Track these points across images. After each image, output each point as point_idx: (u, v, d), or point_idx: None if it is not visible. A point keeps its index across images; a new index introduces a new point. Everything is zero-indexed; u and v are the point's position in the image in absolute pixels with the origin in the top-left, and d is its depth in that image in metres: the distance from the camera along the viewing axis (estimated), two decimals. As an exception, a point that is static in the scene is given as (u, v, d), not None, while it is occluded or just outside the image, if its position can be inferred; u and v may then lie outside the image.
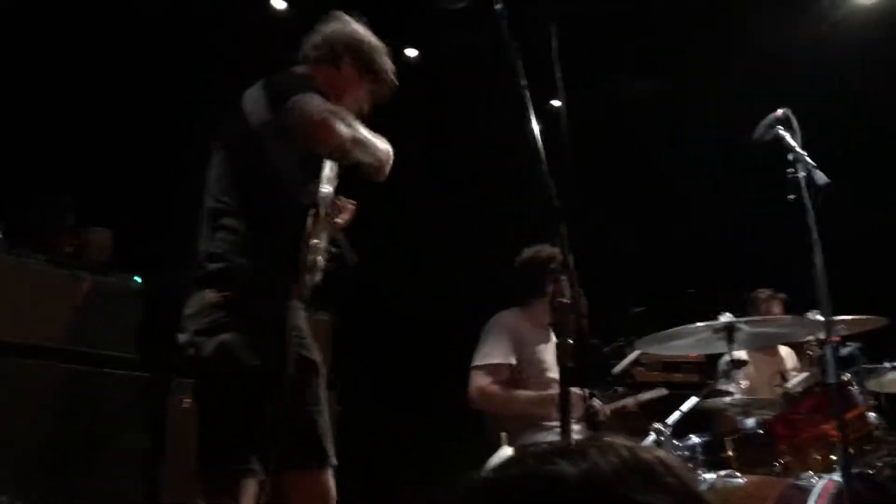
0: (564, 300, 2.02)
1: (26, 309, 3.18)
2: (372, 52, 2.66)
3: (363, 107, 2.68)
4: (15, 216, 3.49)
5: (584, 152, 5.98)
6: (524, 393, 3.43)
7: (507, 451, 3.47)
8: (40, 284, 3.24)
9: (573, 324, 2.10)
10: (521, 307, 3.61)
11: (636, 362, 3.81)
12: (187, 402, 3.55)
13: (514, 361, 3.47)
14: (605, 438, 0.90)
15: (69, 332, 3.23)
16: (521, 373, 3.48)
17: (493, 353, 3.49)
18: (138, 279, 3.60)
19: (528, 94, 2.10)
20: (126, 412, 3.40)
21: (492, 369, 3.48)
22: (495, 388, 3.45)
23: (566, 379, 2.02)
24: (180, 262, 3.81)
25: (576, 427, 2.48)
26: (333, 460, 2.40)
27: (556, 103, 6.40)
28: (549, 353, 3.43)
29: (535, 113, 2.18)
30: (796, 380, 3.59)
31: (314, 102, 2.33)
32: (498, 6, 2.20)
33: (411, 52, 5.75)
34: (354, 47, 2.64)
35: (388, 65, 2.68)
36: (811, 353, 3.37)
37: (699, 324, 3.04)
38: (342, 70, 2.63)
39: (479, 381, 3.47)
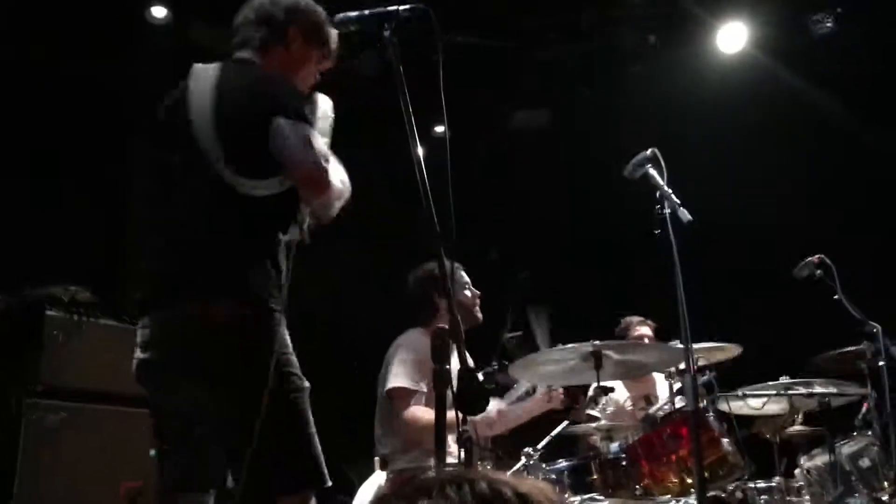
0: (441, 326, 2.05)
1: None
2: (317, 20, 2.44)
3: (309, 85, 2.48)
4: None
5: (470, 178, 6.14)
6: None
7: (379, 478, 3.48)
8: None
9: (451, 349, 2.14)
10: (422, 326, 3.60)
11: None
12: (41, 423, 3.36)
13: (424, 388, 3.46)
14: (470, 470, 0.92)
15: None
16: (429, 394, 3.47)
17: (407, 376, 3.47)
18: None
19: (411, 119, 2.12)
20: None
21: (407, 393, 3.46)
22: (416, 413, 3.42)
23: (441, 405, 2.05)
24: (33, 279, 3.67)
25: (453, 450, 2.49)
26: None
27: (440, 129, 6.54)
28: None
29: (420, 138, 2.21)
30: (657, 406, 3.75)
31: (316, 143, 2.18)
32: (386, 32, 2.23)
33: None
34: (299, 19, 2.41)
35: (332, 31, 2.46)
36: (671, 380, 3.53)
37: (569, 345, 3.12)
38: (291, 48, 2.41)
39: (403, 406, 3.44)
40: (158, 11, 5.19)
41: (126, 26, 5.09)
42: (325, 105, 2.41)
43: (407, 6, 2.23)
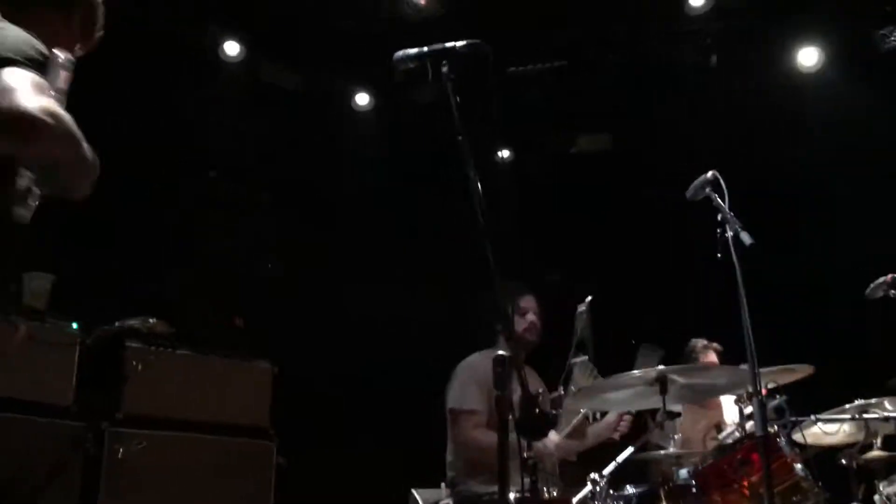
0: (502, 353, 2.08)
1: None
2: (99, 12, 2.24)
3: None
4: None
5: (532, 204, 6.14)
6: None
7: (443, 501, 3.55)
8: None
9: (513, 377, 2.16)
10: (484, 351, 3.69)
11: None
12: (121, 451, 3.50)
13: (483, 410, 3.52)
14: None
15: (2, 380, 3.17)
16: (489, 417, 3.53)
17: (468, 398, 3.57)
18: (75, 325, 3.56)
19: (468, 148, 2.18)
20: (58, 461, 3.33)
21: (470, 415, 3.54)
22: (476, 435, 3.50)
23: (503, 431, 2.08)
24: (118, 310, 3.84)
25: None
26: None
27: (503, 154, 6.55)
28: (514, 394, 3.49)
29: (480, 165, 2.26)
30: (727, 431, 3.69)
31: (36, 82, 1.74)
32: (444, 69, 2.30)
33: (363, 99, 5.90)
34: (90, 3, 2.20)
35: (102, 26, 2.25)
36: (741, 405, 3.47)
37: (634, 372, 3.12)
38: (70, 24, 2.15)
39: (465, 427, 3.54)
40: (231, 48, 5.39)
41: (199, 63, 5.30)
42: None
43: (463, 43, 2.30)
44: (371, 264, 5.67)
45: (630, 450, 3.24)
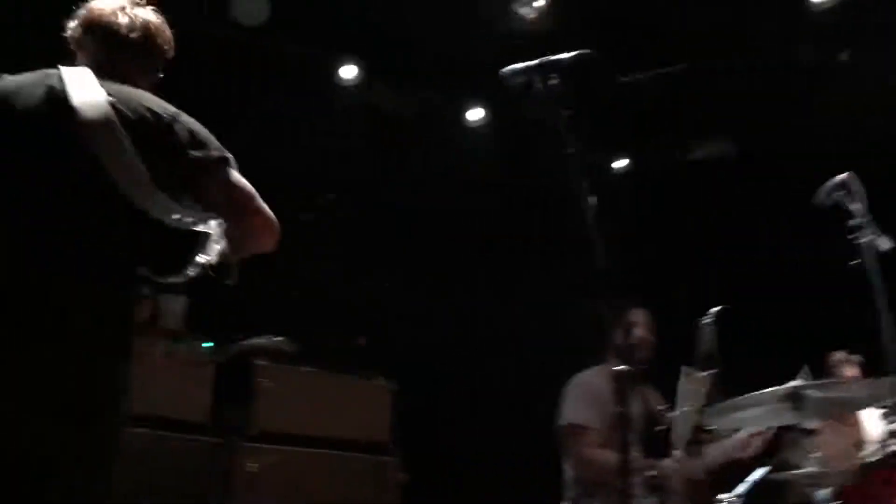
0: (621, 367, 2.03)
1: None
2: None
3: None
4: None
5: (652, 214, 6.00)
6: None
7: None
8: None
9: (633, 392, 2.12)
10: (597, 366, 3.64)
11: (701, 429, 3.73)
12: (252, 466, 3.63)
13: (596, 426, 3.48)
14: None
15: (142, 398, 3.35)
16: (605, 435, 3.48)
17: (583, 415, 3.53)
18: (209, 345, 3.72)
19: (578, 160, 2.15)
20: (196, 476, 3.49)
21: (586, 432, 3.50)
22: (592, 453, 3.45)
23: (625, 447, 2.03)
24: (248, 330, 4.00)
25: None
26: None
27: (618, 165, 6.47)
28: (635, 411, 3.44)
29: (594, 177, 2.23)
30: (871, 448, 3.46)
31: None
32: (553, 81, 2.28)
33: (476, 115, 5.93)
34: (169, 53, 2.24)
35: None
36: (888, 420, 3.25)
37: (765, 391, 2.98)
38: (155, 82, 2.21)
39: (581, 445, 3.50)
40: (348, 72, 5.54)
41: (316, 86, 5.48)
42: None
43: (572, 54, 2.27)
44: (486, 280, 5.68)
45: (763, 469, 3.08)
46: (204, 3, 4.91)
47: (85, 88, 1.92)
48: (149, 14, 2.17)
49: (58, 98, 1.90)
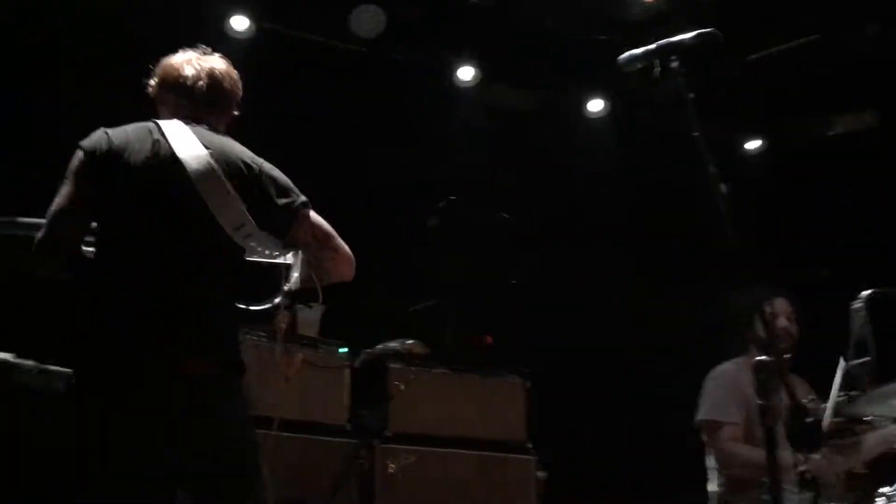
0: (762, 358, 1.94)
1: (252, 381, 3.48)
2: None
3: None
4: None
5: (790, 194, 5.70)
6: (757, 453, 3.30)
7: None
8: (261, 359, 3.53)
9: (776, 384, 2.02)
10: (736, 358, 3.51)
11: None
12: (392, 467, 3.71)
13: (736, 421, 3.36)
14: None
15: (285, 402, 3.48)
16: (747, 429, 3.35)
17: (724, 409, 3.43)
18: (344, 350, 3.84)
19: (705, 143, 2.06)
20: (338, 477, 3.59)
21: (727, 427, 3.40)
22: (736, 448, 3.36)
23: (772, 442, 1.94)
24: (382, 333, 4.10)
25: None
26: None
27: (752, 146, 6.20)
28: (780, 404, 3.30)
29: (726, 159, 2.15)
30: None
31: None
32: (674, 64, 2.20)
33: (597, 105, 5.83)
34: (238, 93, 2.44)
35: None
36: None
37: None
38: None
39: (722, 440, 3.42)
40: (465, 73, 5.57)
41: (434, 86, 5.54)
42: None
43: (693, 34, 2.19)
44: (617, 272, 5.57)
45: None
46: (325, 19, 5.08)
47: (185, 142, 2.15)
48: (215, 61, 2.36)
49: (166, 152, 2.13)
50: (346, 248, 2.30)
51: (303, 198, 2.26)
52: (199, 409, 2.05)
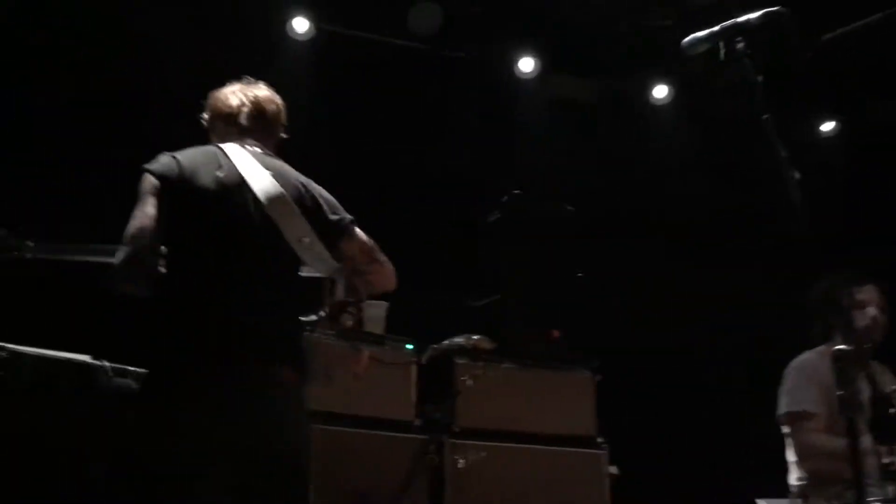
0: (841, 348, 1.87)
1: (320, 379, 3.51)
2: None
3: None
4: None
5: (871, 176, 5.50)
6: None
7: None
8: (329, 357, 3.57)
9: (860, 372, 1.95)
10: (818, 348, 3.40)
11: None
12: (462, 461, 3.70)
13: (818, 412, 3.28)
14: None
15: (354, 399, 3.51)
16: (830, 421, 3.25)
17: (805, 400, 3.33)
18: (411, 346, 3.85)
19: (774, 127, 2.00)
20: (408, 472, 3.60)
21: (809, 419, 3.31)
22: (818, 440, 3.27)
23: (854, 432, 1.87)
24: (447, 328, 4.09)
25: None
26: None
27: (826, 128, 5.99)
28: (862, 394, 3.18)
29: (798, 142, 2.08)
30: None
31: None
32: (739, 45, 2.14)
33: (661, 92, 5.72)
34: (283, 117, 2.63)
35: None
36: None
37: None
38: None
39: (804, 432, 3.33)
40: (526, 65, 5.52)
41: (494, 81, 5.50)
42: None
43: (759, 13, 2.12)
44: (689, 261, 5.44)
45: None
46: (383, 18, 5.11)
47: (248, 164, 2.33)
48: (258, 90, 2.55)
49: (233, 174, 2.30)
50: (387, 261, 2.49)
51: (349, 216, 2.45)
52: (262, 410, 2.15)
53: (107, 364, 2.74)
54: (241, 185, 2.28)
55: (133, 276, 2.19)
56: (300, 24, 5.08)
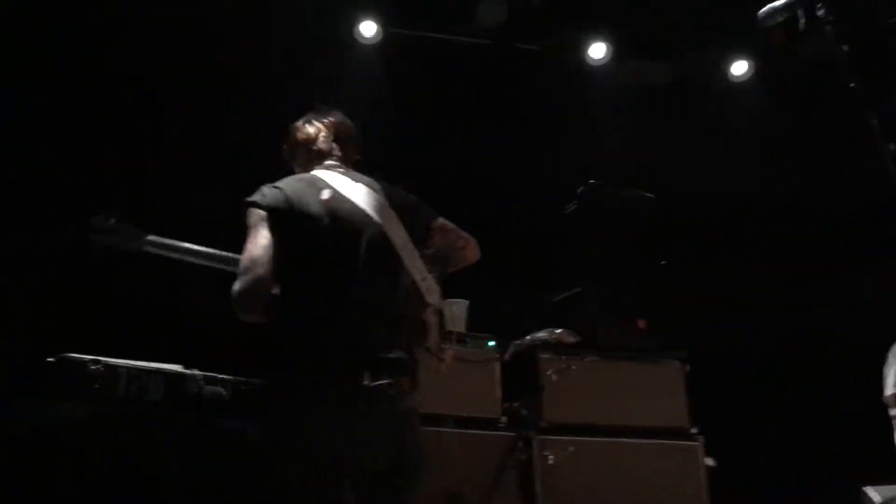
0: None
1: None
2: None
3: None
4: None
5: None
6: None
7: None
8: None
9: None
10: None
11: None
12: (552, 457, 3.65)
13: None
14: None
15: (439, 398, 3.51)
16: None
17: None
18: (493, 343, 3.82)
19: (865, 94, 1.89)
20: (497, 470, 3.58)
21: None
22: None
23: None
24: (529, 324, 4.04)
25: None
26: None
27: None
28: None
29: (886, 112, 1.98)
30: None
31: None
32: (819, 12, 2.03)
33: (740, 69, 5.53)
34: (355, 136, 2.79)
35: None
36: None
37: None
38: None
39: None
40: (597, 50, 5.42)
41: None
42: None
43: (840, -24, 2.01)
44: (771, 248, 5.24)
45: None
46: (448, 17, 5.10)
47: (345, 184, 2.48)
48: (331, 115, 2.72)
49: (337, 195, 2.44)
50: (468, 235, 2.67)
51: (431, 209, 2.62)
52: (376, 417, 2.24)
53: (197, 372, 2.81)
54: (346, 203, 2.42)
55: (251, 306, 2.27)
56: (367, 28, 5.11)
